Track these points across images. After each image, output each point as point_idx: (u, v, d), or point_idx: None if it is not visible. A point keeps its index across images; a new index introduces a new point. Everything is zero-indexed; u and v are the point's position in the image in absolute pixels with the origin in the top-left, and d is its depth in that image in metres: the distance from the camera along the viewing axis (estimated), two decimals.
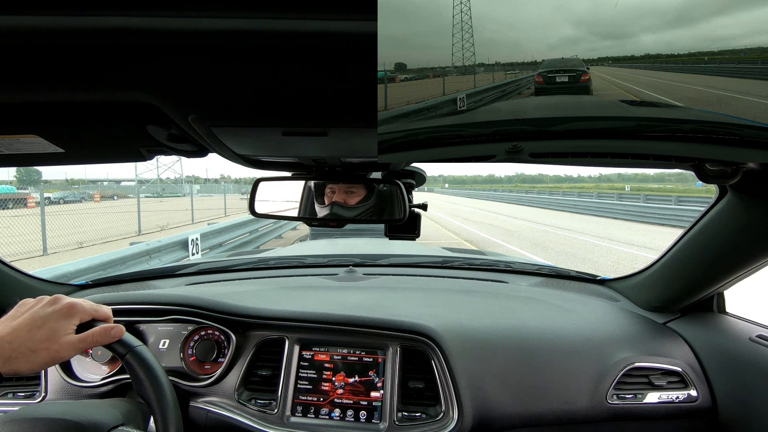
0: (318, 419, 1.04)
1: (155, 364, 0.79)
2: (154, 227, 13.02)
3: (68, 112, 0.63)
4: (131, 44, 0.41)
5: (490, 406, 1.00)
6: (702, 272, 1.10)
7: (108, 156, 0.88)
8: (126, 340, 0.79)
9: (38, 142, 0.71)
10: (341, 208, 1.04)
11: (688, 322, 1.20)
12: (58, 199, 26.62)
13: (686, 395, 1.06)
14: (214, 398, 1.07)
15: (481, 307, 1.27)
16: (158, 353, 1.11)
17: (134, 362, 0.77)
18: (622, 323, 1.21)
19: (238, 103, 0.56)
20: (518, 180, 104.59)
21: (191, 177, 49.15)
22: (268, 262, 1.80)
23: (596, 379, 1.04)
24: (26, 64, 0.46)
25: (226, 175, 58.73)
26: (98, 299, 1.14)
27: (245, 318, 1.13)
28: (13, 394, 1.08)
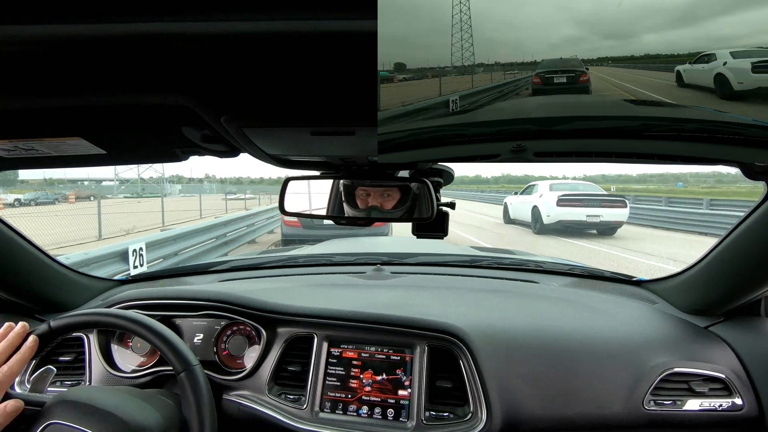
0: (346, 416, 1.05)
1: (205, 388, 0.84)
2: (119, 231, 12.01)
3: (109, 116, 0.66)
4: (167, 49, 0.43)
5: (519, 407, 0.98)
6: (748, 274, 1.05)
7: (146, 157, 0.93)
8: (186, 357, 0.86)
9: (82, 144, 0.75)
10: (378, 212, 1.06)
11: (733, 326, 1.14)
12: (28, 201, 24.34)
13: (730, 403, 1.01)
14: (246, 392, 1.10)
15: (510, 308, 1.25)
16: (193, 347, 1.16)
17: (187, 383, 0.83)
18: (660, 326, 1.16)
19: (268, 104, 0.58)
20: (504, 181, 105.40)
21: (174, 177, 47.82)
22: (297, 259, 1.83)
23: (632, 384, 1.01)
24: (70, 70, 0.48)
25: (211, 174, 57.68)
26: (138, 294, 1.21)
27: (275, 314, 1.15)
28: (61, 383, 1.15)
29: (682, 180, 48.60)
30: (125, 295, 1.22)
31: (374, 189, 1.06)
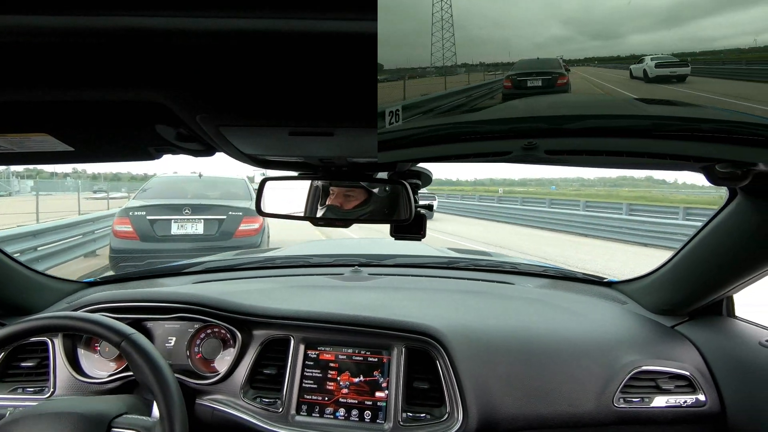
0: (323, 418, 1.05)
1: (151, 348, 0.83)
2: None
3: (78, 111, 0.64)
4: (141, 44, 0.42)
5: (495, 407, 1.00)
6: (711, 275, 1.09)
7: (117, 155, 0.91)
8: (119, 329, 0.84)
9: (49, 140, 0.73)
10: (336, 211, 1.06)
11: (697, 325, 1.18)
12: None
13: (694, 400, 1.05)
14: (219, 396, 1.08)
15: (486, 308, 1.26)
16: (165, 351, 1.13)
17: (130, 349, 0.82)
18: (630, 326, 1.19)
19: (246, 104, 0.57)
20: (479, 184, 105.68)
21: (33, 170, 37.24)
22: (274, 261, 1.81)
23: (603, 382, 1.03)
24: (38, 63, 0.46)
25: (80, 169, 51.26)
26: (106, 297, 1.17)
27: (251, 317, 1.13)
28: (23, 389, 1.10)
29: (555, 184, 53.83)
30: (92, 298, 1.17)
31: (338, 189, 1.06)
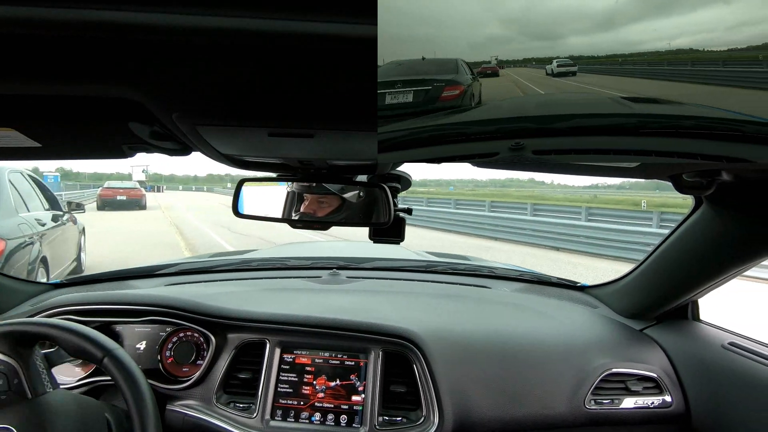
0: (298, 423, 1.03)
1: (134, 368, 0.79)
2: None
3: (47, 106, 0.61)
4: (114, 39, 0.40)
5: (471, 410, 1.01)
6: (677, 280, 1.13)
7: (87, 152, 0.87)
8: (102, 343, 0.79)
9: (14, 136, 0.69)
10: (311, 218, 1.06)
11: (664, 329, 1.22)
12: None
13: (661, 401, 1.08)
14: (191, 401, 1.06)
15: (463, 312, 1.27)
16: (135, 355, 1.09)
17: (112, 367, 0.77)
18: (601, 329, 1.22)
19: (224, 103, 0.55)
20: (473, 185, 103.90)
21: None
22: (250, 263, 1.78)
23: (575, 385, 1.06)
24: (4, 55, 0.44)
25: None
26: (73, 299, 1.12)
27: (225, 320, 1.11)
28: None
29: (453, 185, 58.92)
30: (57, 300, 1.13)
31: (311, 196, 1.06)
